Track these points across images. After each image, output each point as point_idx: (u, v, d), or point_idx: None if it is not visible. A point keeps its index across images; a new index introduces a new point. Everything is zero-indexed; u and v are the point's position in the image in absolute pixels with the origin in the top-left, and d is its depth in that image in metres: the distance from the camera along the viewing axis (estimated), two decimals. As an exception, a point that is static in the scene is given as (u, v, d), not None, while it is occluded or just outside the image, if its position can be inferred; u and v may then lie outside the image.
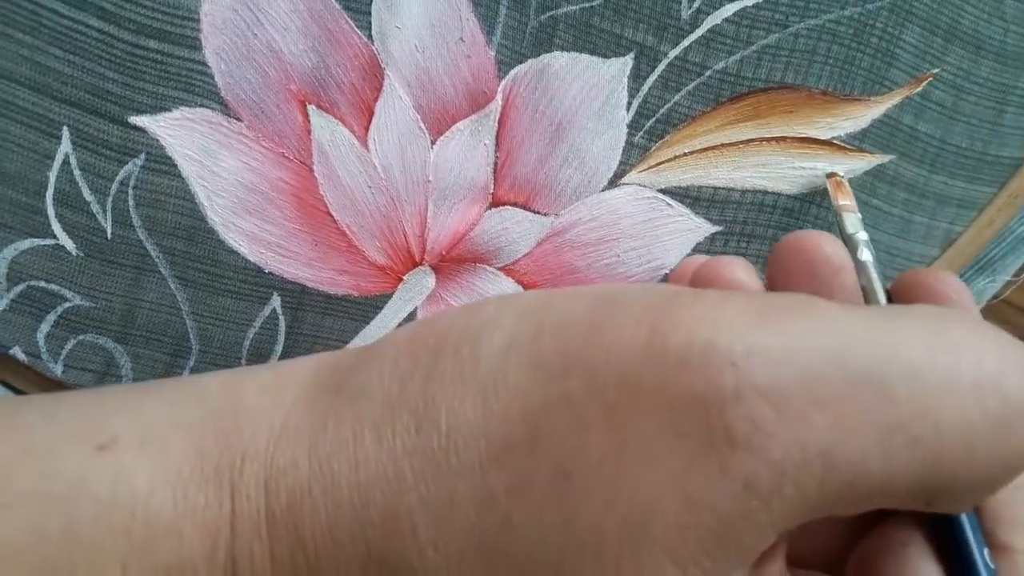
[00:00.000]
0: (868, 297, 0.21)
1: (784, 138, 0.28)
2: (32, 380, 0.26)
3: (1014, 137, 0.30)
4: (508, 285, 0.28)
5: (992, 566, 0.19)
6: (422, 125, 0.26)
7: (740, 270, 0.21)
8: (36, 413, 0.20)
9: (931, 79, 0.28)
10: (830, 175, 0.27)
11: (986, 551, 0.20)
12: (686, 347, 0.16)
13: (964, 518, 0.20)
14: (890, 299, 0.21)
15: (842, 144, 0.28)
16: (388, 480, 0.18)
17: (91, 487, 0.18)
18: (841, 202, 0.25)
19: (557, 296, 0.19)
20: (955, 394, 0.16)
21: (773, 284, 0.21)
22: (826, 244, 0.21)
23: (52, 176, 0.24)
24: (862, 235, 0.23)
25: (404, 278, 0.27)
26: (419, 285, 0.27)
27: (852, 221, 0.24)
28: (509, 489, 0.17)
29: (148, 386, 0.22)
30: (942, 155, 0.30)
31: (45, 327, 0.26)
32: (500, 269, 0.28)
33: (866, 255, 0.23)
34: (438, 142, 0.26)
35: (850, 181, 0.29)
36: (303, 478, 0.18)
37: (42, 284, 0.25)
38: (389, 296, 0.27)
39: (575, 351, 0.17)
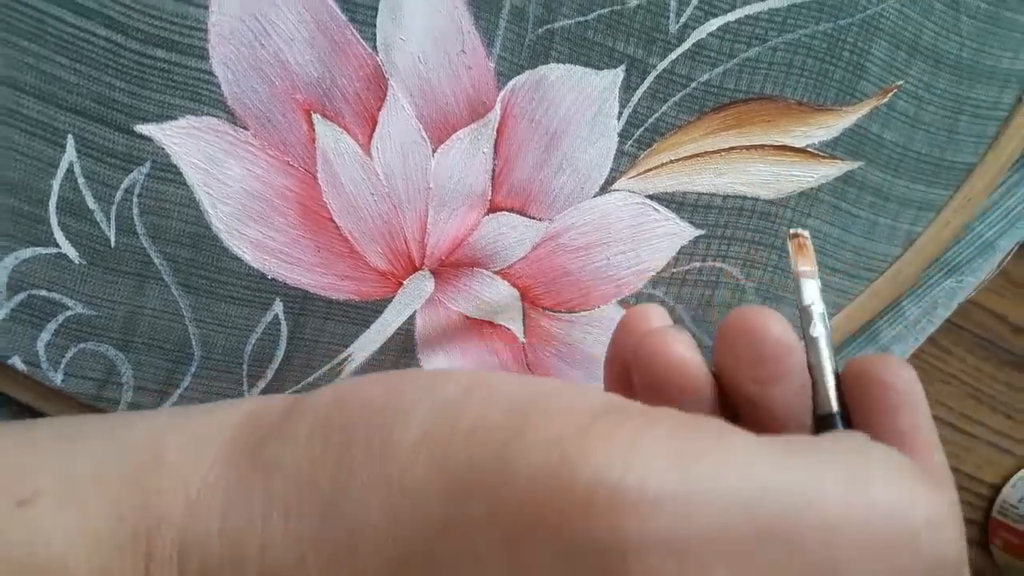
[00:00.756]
0: (815, 375, 0.21)
1: (763, 146, 0.29)
2: (32, 389, 0.26)
3: (967, 144, 0.33)
4: (504, 288, 0.29)
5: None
6: (424, 134, 0.26)
7: (681, 346, 0.20)
8: None
9: (896, 90, 0.30)
10: (793, 235, 0.23)
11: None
12: (593, 487, 0.15)
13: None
14: (839, 380, 0.21)
15: (815, 152, 0.30)
16: (291, 567, 0.18)
17: (8, 544, 0.18)
18: (801, 268, 0.22)
19: (480, 391, 0.18)
20: (868, 554, 0.16)
21: (721, 365, 0.21)
22: (773, 325, 0.20)
23: (56, 185, 0.24)
24: (818, 307, 0.22)
25: (404, 283, 0.28)
26: (418, 289, 0.28)
27: (810, 290, 0.22)
28: None
29: (75, 429, 0.21)
30: (904, 161, 0.32)
31: (45, 336, 0.26)
32: (497, 273, 0.29)
33: (819, 330, 0.21)
34: (439, 150, 0.27)
35: (822, 187, 0.31)
36: (214, 554, 0.18)
37: (43, 293, 0.25)
38: (389, 300, 0.28)
39: (484, 464, 0.17)
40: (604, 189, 0.28)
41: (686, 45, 0.28)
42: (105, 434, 0.21)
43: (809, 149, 0.30)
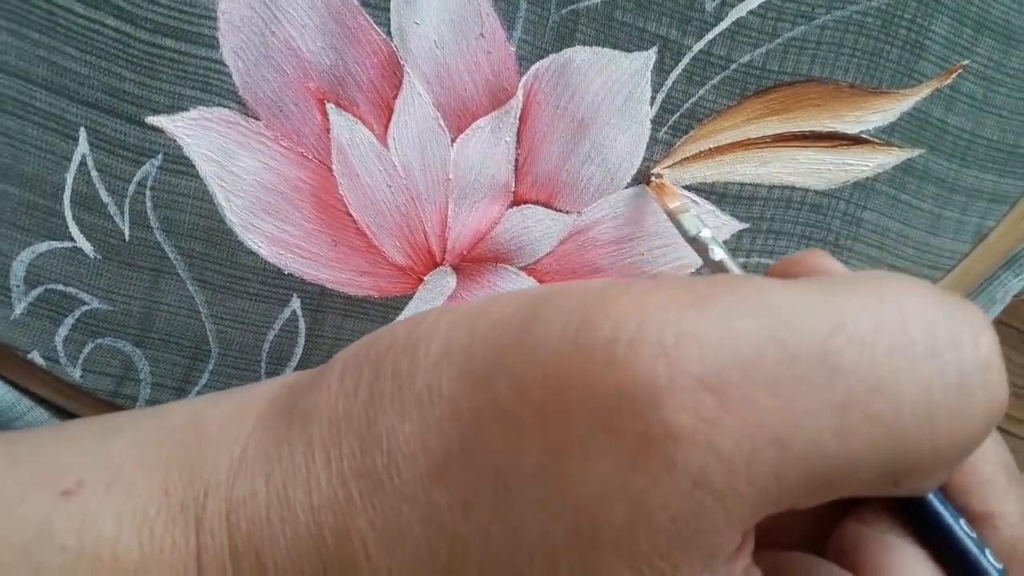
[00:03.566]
0: None
1: (812, 133, 0.27)
2: (51, 385, 0.26)
3: (1046, 130, 0.30)
4: (530, 285, 0.27)
5: (974, 535, 0.19)
6: (442, 123, 0.25)
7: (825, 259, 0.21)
8: (2, 457, 0.20)
9: (961, 71, 0.28)
10: (648, 178, 0.23)
11: (963, 521, 0.19)
12: (612, 340, 0.15)
13: (931, 496, 0.19)
14: None
15: (870, 138, 0.28)
16: (339, 503, 0.18)
17: (57, 535, 0.18)
18: (671, 205, 0.22)
19: (497, 298, 0.18)
20: (910, 365, 0.15)
21: None
22: (821, 259, 0.20)
23: (69, 178, 0.24)
24: (705, 232, 0.21)
25: (425, 279, 0.27)
26: (440, 286, 0.27)
27: (690, 221, 0.22)
28: (452, 506, 0.17)
29: (114, 423, 0.21)
30: (972, 148, 0.29)
31: (63, 331, 0.25)
32: (522, 269, 0.27)
33: (719, 253, 0.21)
34: (458, 140, 0.25)
35: (879, 176, 0.28)
36: (261, 507, 0.18)
37: (60, 287, 0.25)
38: (410, 297, 0.27)
39: (504, 351, 0.17)
40: (637, 179, 0.27)
41: (725, 24, 0.26)
42: (143, 423, 0.21)
43: (863, 136, 0.28)
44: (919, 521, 0.19)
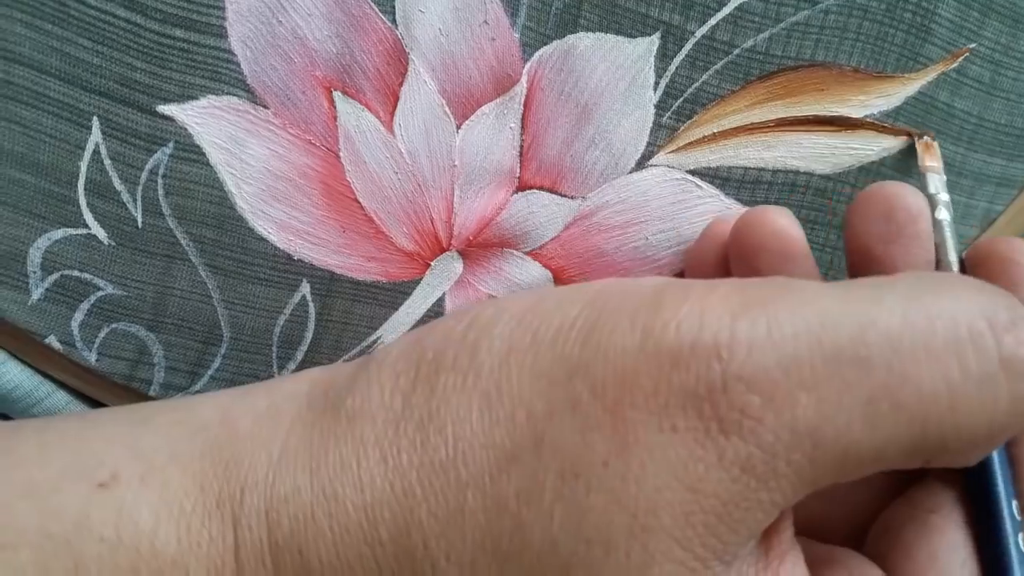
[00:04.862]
0: (940, 255, 0.22)
1: (815, 117, 0.27)
2: (68, 369, 0.27)
3: (1055, 112, 0.30)
4: (536, 269, 0.28)
5: (1019, 518, 0.19)
6: (447, 109, 0.26)
7: (785, 218, 0.23)
8: (31, 446, 0.20)
9: (968, 54, 0.28)
10: (919, 136, 0.26)
11: (1015, 503, 0.19)
12: (677, 346, 0.17)
13: (997, 476, 0.20)
14: (962, 263, 0.22)
15: (876, 122, 0.28)
16: (396, 497, 0.18)
17: (95, 526, 0.19)
18: (928, 163, 0.25)
19: (549, 301, 0.20)
20: (933, 357, 0.17)
21: (853, 226, 0.23)
22: (908, 193, 0.22)
23: (83, 166, 0.25)
24: (943, 196, 0.23)
25: (432, 264, 0.27)
26: (447, 271, 0.27)
27: (935, 182, 0.24)
28: (519, 493, 0.18)
29: (139, 414, 0.22)
30: (980, 132, 0.29)
31: (79, 316, 0.26)
32: (528, 253, 0.28)
33: (943, 214, 0.23)
34: (463, 126, 0.26)
35: (884, 160, 0.28)
36: (305, 504, 0.19)
37: (75, 273, 0.26)
38: (417, 282, 0.27)
39: (575, 355, 0.18)
40: (641, 165, 0.27)
41: (727, 9, 0.26)
42: (171, 415, 0.21)
43: (868, 120, 0.28)
44: (975, 496, 0.20)
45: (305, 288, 0.27)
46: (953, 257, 0.22)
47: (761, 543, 0.18)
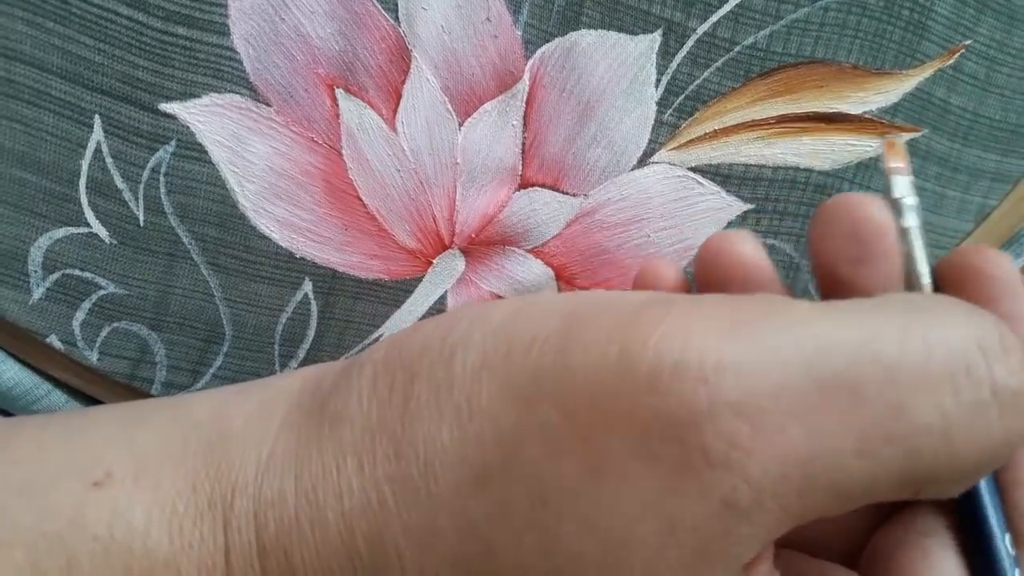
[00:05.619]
0: (908, 266, 0.21)
1: (815, 114, 0.28)
2: (69, 369, 0.27)
3: (1049, 109, 0.30)
4: (537, 267, 0.28)
5: (1013, 552, 0.19)
6: (449, 107, 0.26)
7: (748, 244, 0.20)
8: (28, 444, 0.20)
9: (963, 51, 0.28)
10: (888, 139, 0.24)
11: (1008, 538, 0.19)
12: (656, 367, 0.16)
13: (988, 505, 0.19)
14: (933, 273, 0.21)
15: (874, 118, 0.28)
16: (372, 508, 0.18)
17: (89, 524, 0.19)
18: (891, 164, 0.23)
19: (529, 310, 0.19)
20: (928, 387, 0.16)
21: (816, 245, 0.21)
22: (871, 205, 0.20)
23: (85, 165, 0.25)
24: (909, 199, 0.22)
25: (434, 262, 0.27)
26: (449, 268, 0.27)
27: (901, 184, 0.22)
28: (488, 516, 0.17)
29: (137, 412, 0.22)
30: (975, 128, 0.29)
31: (80, 315, 0.26)
32: (529, 251, 0.28)
33: (911, 220, 0.21)
34: (466, 124, 0.26)
35: (882, 156, 0.29)
36: (290, 509, 0.19)
37: (77, 272, 0.25)
38: (419, 280, 0.27)
39: (546, 372, 0.17)
40: (642, 162, 0.27)
41: (728, 6, 0.26)
42: (167, 413, 0.21)
43: (866, 116, 0.28)
44: (967, 525, 0.19)
45: (307, 286, 0.27)
46: (924, 269, 0.21)
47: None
